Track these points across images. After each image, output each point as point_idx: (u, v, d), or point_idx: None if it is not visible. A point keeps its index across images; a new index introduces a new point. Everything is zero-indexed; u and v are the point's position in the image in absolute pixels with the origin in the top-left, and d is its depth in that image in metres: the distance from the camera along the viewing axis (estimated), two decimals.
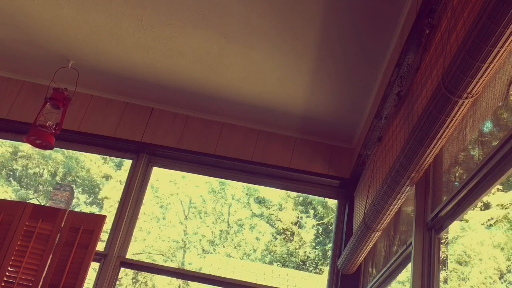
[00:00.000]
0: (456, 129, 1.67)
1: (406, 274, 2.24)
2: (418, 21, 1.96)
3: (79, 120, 3.48)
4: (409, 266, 1.95)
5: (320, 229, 14.57)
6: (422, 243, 1.87)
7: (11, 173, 14.68)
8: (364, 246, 2.68)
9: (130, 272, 12.90)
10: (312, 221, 14.68)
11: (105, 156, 14.16)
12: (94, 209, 14.55)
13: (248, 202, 15.24)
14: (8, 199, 11.94)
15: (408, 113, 2.06)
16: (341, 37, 2.64)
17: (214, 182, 14.68)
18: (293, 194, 13.56)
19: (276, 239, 14.51)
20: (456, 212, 1.70)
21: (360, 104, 3.12)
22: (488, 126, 1.58)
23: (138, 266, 3.80)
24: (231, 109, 3.48)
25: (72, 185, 12.83)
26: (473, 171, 1.51)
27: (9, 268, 2.91)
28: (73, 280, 2.90)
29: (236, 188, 14.96)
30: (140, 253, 13.74)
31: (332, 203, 12.32)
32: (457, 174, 1.78)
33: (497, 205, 7.60)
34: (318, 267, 13.90)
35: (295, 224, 14.65)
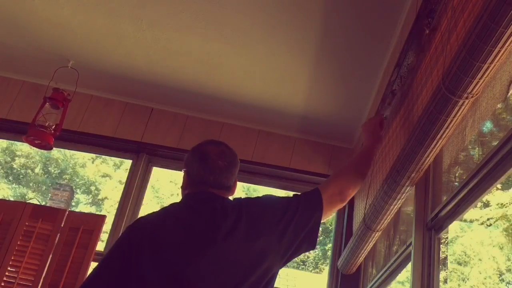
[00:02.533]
0: (456, 129, 1.67)
1: (406, 274, 2.24)
2: (418, 21, 1.96)
3: (79, 120, 3.48)
4: (409, 266, 1.95)
5: (320, 229, 14.54)
6: (422, 243, 1.87)
7: (9, 171, 14.68)
8: (364, 246, 2.68)
9: None
10: None
11: (104, 157, 14.17)
12: (94, 209, 14.55)
13: None
14: (8, 198, 11.95)
15: (408, 113, 2.06)
16: (341, 37, 2.64)
17: None
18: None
19: None
20: (456, 212, 1.70)
21: (360, 104, 3.12)
22: (488, 126, 1.58)
23: None
24: (231, 109, 3.48)
25: (72, 185, 12.83)
26: (473, 171, 1.51)
27: (9, 268, 2.91)
28: (73, 280, 2.90)
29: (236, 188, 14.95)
30: None
31: None
32: (457, 174, 1.78)
33: (497, 204, 7.61)
34: (318, 267, 13.90)
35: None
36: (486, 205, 7.65)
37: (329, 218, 1.82)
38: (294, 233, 1.48)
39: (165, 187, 15.05)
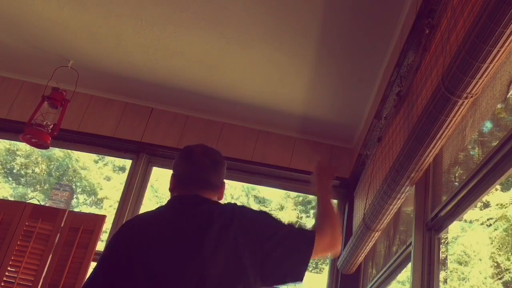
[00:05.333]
0: (456, 129, 1.67)
1: (406, 274, 2.24)
2: (418, 21, 1.96)
3: (79, 120, 3.48)
4: (409, 266, 1.95)
5: None
6: (422, 243, 1.87)
7: (9, 171, 14.68)
8: (363, 246, 2.69)
9: None
10: (312, 221, 14.65)
11: (106, 160, 14.18)
12: (94, 210, 14.55)
13: (248, 202, 15.23)
14: (8, 198, 11.95)
15: (408, 113, 2.06)
16: (341, 37, 2.64)
17: None
18: (293, 194, 13.55)
19: None
20: (456, 212, 1.70)
21: (360, 104, 3.12)
22: (487, 126, 1.58)
23: None
24: (231, 109, 3.48)
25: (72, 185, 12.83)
26: (473, 171, 1.51)
27: (9, 268, 2.91)
28: (73, 280, 2.90)
29: (236, 188, 14.97)
30: None
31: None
32: (457, 174, 1.78)
33: (497, 205, 7.61)
34: (318, 267, 13.90)
35: (295, 224, 14.61)
36: (486, 205, 7.65)
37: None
38: (278, 258, 1.43)
39: (164, 187, 15.03)
